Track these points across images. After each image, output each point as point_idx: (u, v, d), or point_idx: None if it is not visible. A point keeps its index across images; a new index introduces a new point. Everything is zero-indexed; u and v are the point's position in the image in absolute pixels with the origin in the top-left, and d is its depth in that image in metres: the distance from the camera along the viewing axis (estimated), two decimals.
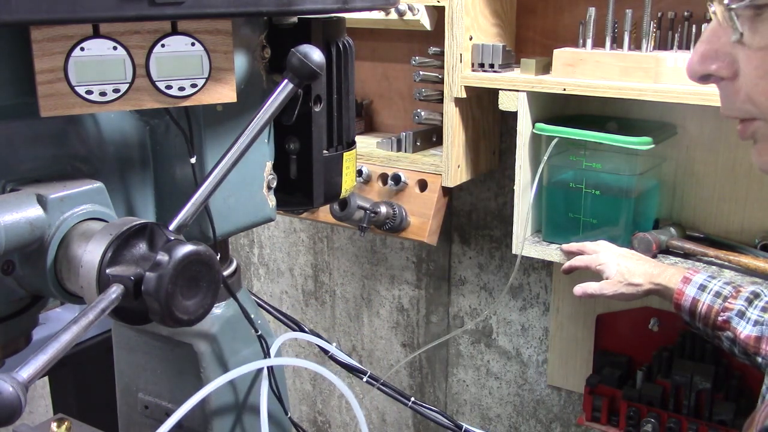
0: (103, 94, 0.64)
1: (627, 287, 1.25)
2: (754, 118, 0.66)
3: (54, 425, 1.22)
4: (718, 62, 0.66)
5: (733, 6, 0.60)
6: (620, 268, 1.26)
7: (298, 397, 2.32)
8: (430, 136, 1.66)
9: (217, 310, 0.87)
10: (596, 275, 1.32)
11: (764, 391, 0.87)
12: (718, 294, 1.16)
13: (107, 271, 0.59)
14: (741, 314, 1.13)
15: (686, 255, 1.38)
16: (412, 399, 1.07)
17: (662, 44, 1.40)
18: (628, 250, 1.35)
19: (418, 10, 1.49)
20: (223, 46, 0.68)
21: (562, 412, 1.83)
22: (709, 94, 1.22)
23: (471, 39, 1.46)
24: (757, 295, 1.16)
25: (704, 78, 0.68)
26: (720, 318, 1.15)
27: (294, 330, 1.07)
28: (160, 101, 0.66)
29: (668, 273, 1.23)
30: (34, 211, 0.61)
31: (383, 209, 1.54)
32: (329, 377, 0.93)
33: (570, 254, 1.40)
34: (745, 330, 1.12)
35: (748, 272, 1.30)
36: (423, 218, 1.57)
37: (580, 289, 1.31)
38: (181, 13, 0.63)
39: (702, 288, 1.18)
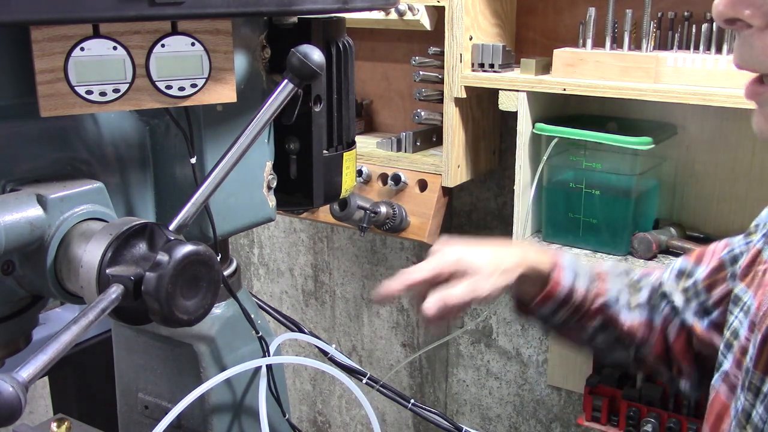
0: (103, 94, 0.63)
1: (502, 276, 0.89)
2: None
3: (54, 425, 1.22)
4: (752, 8, 0.60)
5: None
6: (489, 258, 0.90)
7: (298, 397, 2.32)
8: (430, 136, 1.66)
9: (217, 310, 0.87)
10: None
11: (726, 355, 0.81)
12: (589, 277, 0.97)
13: (107, 271, 0.59)
14: (617, 300, 0.97)
15: None
16: (412, 401, 1.07)
17: (662, 44, 1.40)
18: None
19: (418, 10, 1.49)
20: (223, 46, 0.68)
21: (562, 412, 1.83)
22: (709, 94, 1.22)
23: (471, 39, 1.46)
24: (628, 272, 1.01)
25: (730, 21, 0.63)
26: (594, 305, 0.96)
27: (294, 331, 1.07)
28: (160, 101, 0.66)
29: (531, 252, 0.97)
30: (34, 211, 0.61)
31: (383, 209, 1.54)
32: (332, 372, 0.92)
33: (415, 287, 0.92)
34: (628, 317, 0.96)
35: None
36: (423, 218, 1.57)
37: (433, 306, 0.85)
38: (181, 13, 0.63)
39: (575, 273, 0.96)
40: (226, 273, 0.89)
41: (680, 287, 0.95)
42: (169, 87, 0.66)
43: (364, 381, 1.06)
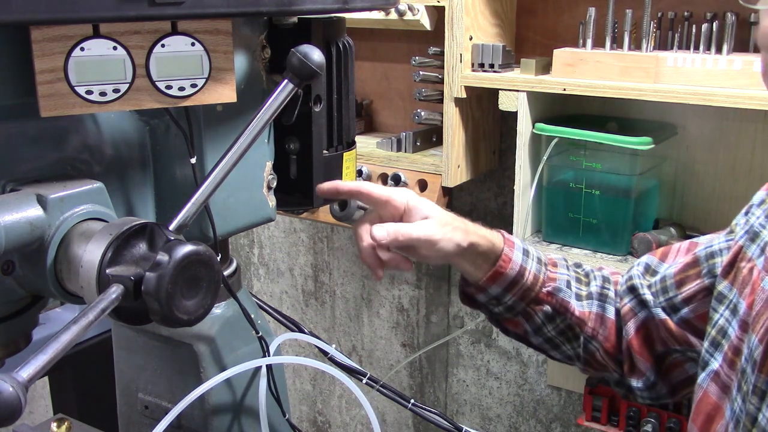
0: (103, 94, 0.64)
1: (456, 232, 0.88)
2: None
3: (54, 425, 1.22)
4: None
5: None
6: (439, 211, 0.90)
7: (298, 397, 2.32)
8: (430, 136, 1.66)
9: (217, 310, 0.87)
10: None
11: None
12: (539, 260, 0.95)
13: (107, 271, 0.59)
14: (568, 285, 0.95)
15: None
16: (412, 401, 1.07)
17: (662, 44, 1.40)
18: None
19: (418, 10, 1.49)
20: (223, 46, 0.68)
21: (562, 412, 1.83)
22: (709, 94, 1.22)
23: (471, 39, 1.46)
24: (579, 265, 1.01)
25: None
26: (544, 290, 0.94)
27: (294, 331, 1.07)
28: (160, 101, 0.66)
29: (481, 227, 0.93)
30: (34, 211, 0.61)
31: None
32: (332, 372, 0.92)
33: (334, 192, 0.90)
34: (579, 305, 0.95)
35: None
36: None
37: (386, 235, 0.84)
38: (181, 13, 0.63)
39: (526, 253, 0.94)
40: (226, 273, 0.89)
41: (646, 282, 0.94)
42: (169, 87, 0.66)
43: (364, 381, 1.06)
